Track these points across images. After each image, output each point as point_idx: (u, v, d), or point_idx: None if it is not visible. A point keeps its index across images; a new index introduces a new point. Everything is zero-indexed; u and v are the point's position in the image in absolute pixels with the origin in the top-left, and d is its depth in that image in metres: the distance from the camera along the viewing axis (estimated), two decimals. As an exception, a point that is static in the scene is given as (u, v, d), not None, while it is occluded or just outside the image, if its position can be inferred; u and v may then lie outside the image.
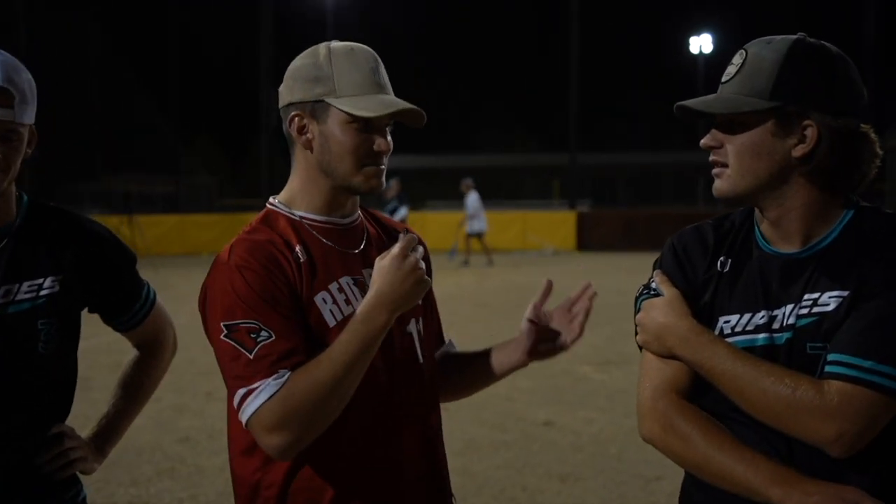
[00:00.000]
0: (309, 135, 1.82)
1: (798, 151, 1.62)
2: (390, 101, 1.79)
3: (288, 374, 1.68)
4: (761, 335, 1.65)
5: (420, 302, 1.88)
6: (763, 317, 1.65)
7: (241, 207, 28.81)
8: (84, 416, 2.23)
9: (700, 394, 1.68)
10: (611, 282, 16.39)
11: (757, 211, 1.72)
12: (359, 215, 1.93)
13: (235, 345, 1.70)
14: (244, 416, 1.69)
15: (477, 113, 52.68)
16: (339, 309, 1.79)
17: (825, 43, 1.65)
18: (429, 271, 1.97)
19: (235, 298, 1.72)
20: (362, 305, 1.71)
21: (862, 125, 1.65)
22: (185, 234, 22.30)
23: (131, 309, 2.16)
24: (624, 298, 13.60)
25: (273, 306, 1.72)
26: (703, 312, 1.69)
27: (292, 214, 1.85)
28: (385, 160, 1.83)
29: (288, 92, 1.84)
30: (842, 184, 1.66)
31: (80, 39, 40.15)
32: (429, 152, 42.74)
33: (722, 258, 1.73)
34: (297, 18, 42.12)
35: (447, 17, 58.77)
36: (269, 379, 1.68)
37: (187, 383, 7.51)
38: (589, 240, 23.37)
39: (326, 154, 1.81)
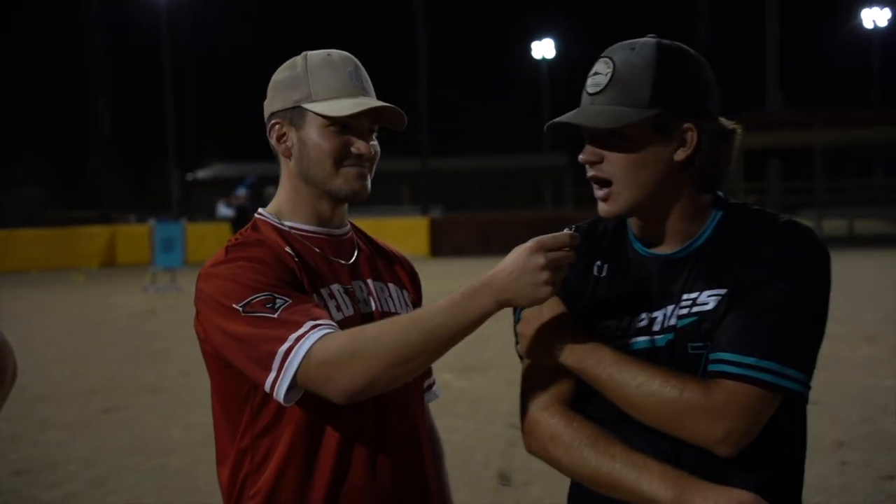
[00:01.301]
0: (288, 142, 1.83)
1: (680, 156, 1.64)
2: (365, 102, 1.79)
3: (330, 322, 1.64)
4: (642, 338, 1.65)
5: None
6: (643, 320, 1.66)
7: (74, 220, 27.39)
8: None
9: (584, 401, 1.67)
10: (466, 287, 16.51)
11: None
12: (349, 229, 1.92)
13: (256, 315, 1.66)
14: (295, 362, 1.60)
15: (323, 119, 52.10)
16: (330, 315, 1.75)
17: (680, 43, 1.67)
18: (416, 285, 1.98)
19: (241, 285, 1.69)
20: (474, 280, 1.59)
21: (731, 123, 1.69)
22: (11, 251, 21.03)
23: None
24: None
25: (282, 286, 1.70)
26: (583, 318, 1.68)
27: (281, 225, 1.84)
28: (368, 164, 1.83)
29: (269, 104, 1.86)
30: (717, 182, 1.69)
31: None
32: (273, 159, 41.97)
33: (598, 263, 1.73)
34: (127, 24, 40.63)
35: (289, 19, 58.13)
36: (312, 322, 1.63)
37: (18, 411, 7.01)
38: (442, 246, 23.56)
39: (305, 160, 1.81)
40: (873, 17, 38.00)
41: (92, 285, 18.09)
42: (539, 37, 47.56)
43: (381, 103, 1.80)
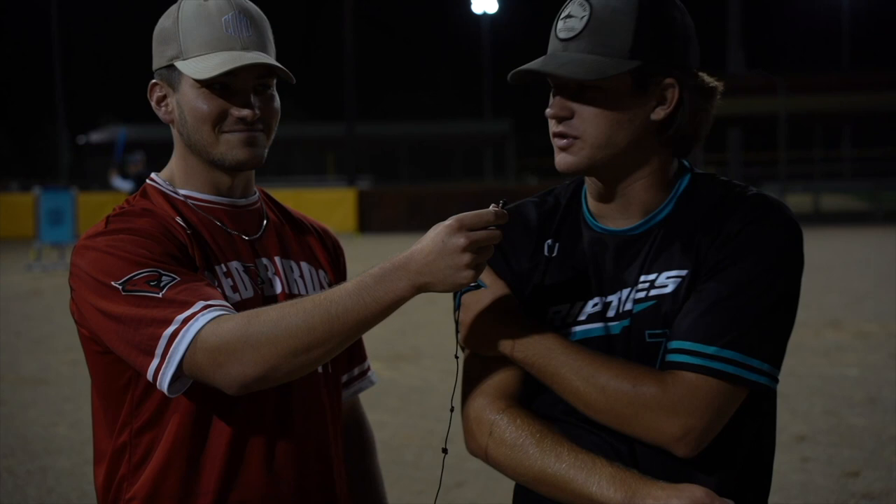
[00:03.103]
0: (168, 106, 1.80)
1: (658, 114, 1.61)
2: (232, 58, 1.72)
3: (224, 303, 1.62)
4: (596, 325, 1.64)
5: None
6: (597, 304, 1.64)
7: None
8: None
9: (532, 396, 1.66)
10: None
11: (588, 184, 1.69)
12: (257, 198, 1.88)
13: (137, 294, 1.62)
14: (181, 347, 1.58)
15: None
16: (224, 296, 1.71)
17: None
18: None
19: (121, 259, 1.65)
20: (386, 261, 1.56)
21: (712, 79, 1.66)
22: None
23: None
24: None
25: (169, 262, 1.66)
26: (531, 303, 1.66)
27: (175, 193, 1.81)
28: (262, 126, 1.78)
29: (153, 61, 1.81)
30: (691, 147, 1.66)
31: None
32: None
33: (549, 241, 1.70)
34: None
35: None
36: (203, 302, 1.60)
37: None
38: (371, 221, 23.51)
39: (185, 125, 1.78)
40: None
41: (-33, 263, 17.63)
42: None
43: (254, 58, 1.73)
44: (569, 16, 1.61)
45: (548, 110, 1.63)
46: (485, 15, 46.94)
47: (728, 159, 28.88)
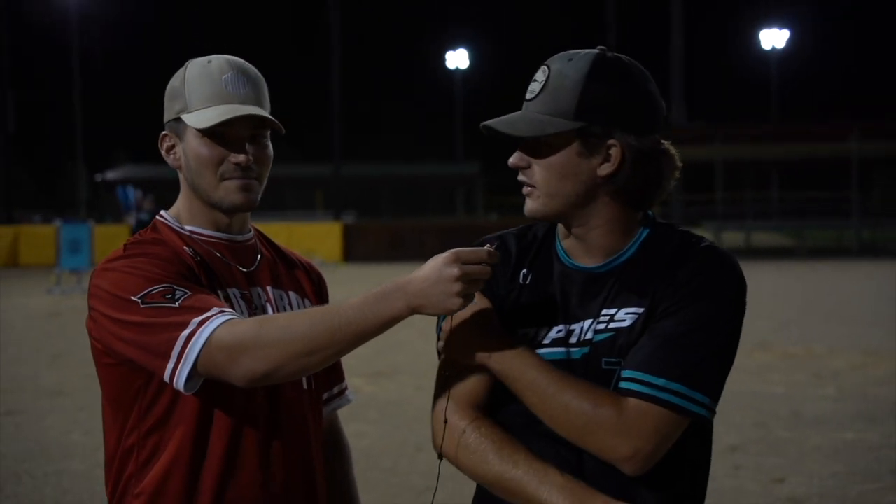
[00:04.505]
0: (176, 153, 1.83)
1: (603, 171, 1.62)
2: (228, 110, 1.76)
3: (233, 311, 1.65)
4: (559, 349, 1.64)
5: None
6: (561, 331, 1.65)
7: (-25, 220, 26.27)
8: None
9: (496, 406, 1.67)
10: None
11: (560, 225, 1.72)
12: (252, 235, 1.91)
13: (155, 306, 1.64)
14: (197, 346, 1.59)
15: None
16: (233, 308, 1.73)
17: (624, 57, 1.65)
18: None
19: (139, 277, 1.68)
20: (389, 282, 1.57)
21: (663, 141, 1.67)
22: None
23: None
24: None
25: (181, 279, 1.69)
26: (504, 324, 1.67)
27: (182, 229, 1.83)
28: (255, 173, 1.81)
29: (164, 115, 1.85)
30: (644, 200, 1.67)
31: None
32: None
33: (524, 271, 1.72)
34: (36, 16, 39.23)
35: (204, 20, 57.05)
36: (217, 308, 1.63)
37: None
38: (355, 251, 23.47)
39: (190, 171, 1.81)
40: (772, 39, 39.35)
41: (-7, 286, 17.42)
42: (453, 47, 47.75)
43: (248, 110, 1.77)
44: (534, 80, 1.66)
45: (509, 160, 1.67)
46: (457, 70, 47.26)
47: (670, 199, 29.09)
